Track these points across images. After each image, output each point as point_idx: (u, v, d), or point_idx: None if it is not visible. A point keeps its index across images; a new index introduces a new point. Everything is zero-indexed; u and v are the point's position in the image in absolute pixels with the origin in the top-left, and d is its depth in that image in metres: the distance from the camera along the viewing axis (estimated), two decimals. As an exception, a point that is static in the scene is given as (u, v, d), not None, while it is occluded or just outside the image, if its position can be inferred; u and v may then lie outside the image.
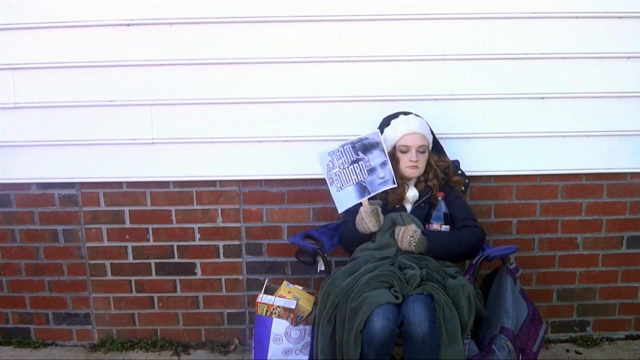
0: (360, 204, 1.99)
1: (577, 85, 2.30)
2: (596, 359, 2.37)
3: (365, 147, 1.98)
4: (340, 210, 2.00)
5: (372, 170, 1.97)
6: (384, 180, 1.96)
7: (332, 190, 2.01)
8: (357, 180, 1.98)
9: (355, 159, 1.98)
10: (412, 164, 2.02)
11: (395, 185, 1.97)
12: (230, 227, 2.45)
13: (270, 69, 2.28)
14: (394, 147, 2.06)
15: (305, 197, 2.42)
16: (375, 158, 1.97)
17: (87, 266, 2.49)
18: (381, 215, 1.98)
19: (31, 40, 2.26)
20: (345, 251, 2.15)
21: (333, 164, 2.00)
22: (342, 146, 1.99)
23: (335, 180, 2.00)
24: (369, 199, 1.98)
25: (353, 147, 1.99)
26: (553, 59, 2.28)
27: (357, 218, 1.99)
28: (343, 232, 2.10)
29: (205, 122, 2.33)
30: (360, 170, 1.98)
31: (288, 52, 2.26)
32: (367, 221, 1.95)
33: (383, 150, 1.97)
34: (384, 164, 1.97)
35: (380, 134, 1.99)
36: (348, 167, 1.99)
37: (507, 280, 1.88)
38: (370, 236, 2.03)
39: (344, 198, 1.99)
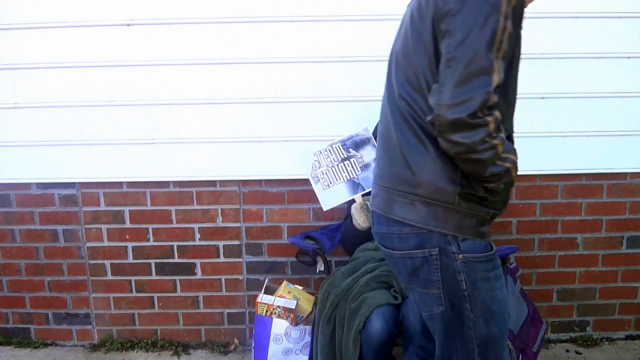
0: (353, 201, 1.98)
1: (577, 85, 2.30)
2: (596, 359, 2.37)
3: (357, 143, 1.99)
4: (325, 208, 2.00)
5: (366, 167, 1.97)
6: None
7: (317, 188, 2.01)
8: (348, 177, 1.98)
9: (345, 156, 1.99)
10: None
11: None
12: (230, 227, 2.45)
13: (270, 69, 2.28)
14: None
15: (305, 197, 2.42)
16: (368, 154, 1.98)
17: (87, 266, 2.49)
18: None
19: (31, 40, 2.26)
20: (346, 252, 2.15)
21: (320, 163, 2.01)
22: (331, 145, 2.00)
23: (322, 178, 2.01)
24: (363, 195, 1.97)
25: (343, 145, 1.99)
26: (553, 59, 2.28)
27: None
28: (343, 231, 2.10)
29: (205, 122, 2.33)
30: (352, 167, 1.98)
31: (287, 52, 2.26)
32: (356, 217, 1.93)
33: (374, 145, 1.97)
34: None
35: (369, 129, 1.99)
36: (338, 165, 1.99)
37: (507, 280, 1.88)
38: (370, 236, 2.02)
39: (331, 196, 1.99)
